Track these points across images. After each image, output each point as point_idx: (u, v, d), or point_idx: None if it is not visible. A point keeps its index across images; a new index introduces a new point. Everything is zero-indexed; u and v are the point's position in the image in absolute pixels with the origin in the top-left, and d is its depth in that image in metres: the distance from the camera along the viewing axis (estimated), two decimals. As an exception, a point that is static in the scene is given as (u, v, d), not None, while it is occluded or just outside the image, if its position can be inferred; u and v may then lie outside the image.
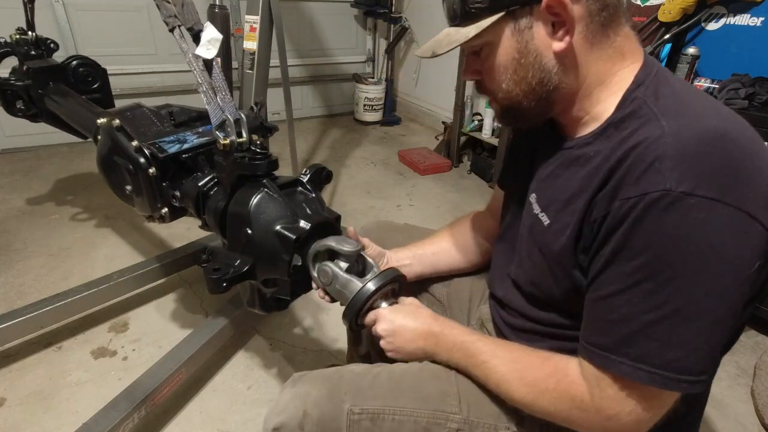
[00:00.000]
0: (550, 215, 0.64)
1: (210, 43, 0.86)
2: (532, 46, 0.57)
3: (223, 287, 0.76)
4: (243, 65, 1.78)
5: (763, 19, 1.76)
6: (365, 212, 2.47)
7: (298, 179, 0.86)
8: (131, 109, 1.12)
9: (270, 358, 1.49)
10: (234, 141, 0.83)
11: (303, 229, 0.76)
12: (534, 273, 0.69)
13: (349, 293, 0.74)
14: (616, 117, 0.58)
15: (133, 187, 1.08)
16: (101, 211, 2.31)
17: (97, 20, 2.97)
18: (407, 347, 0.73)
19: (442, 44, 0.61)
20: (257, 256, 0.78)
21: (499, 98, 0.64)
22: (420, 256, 0.93)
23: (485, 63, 0.63)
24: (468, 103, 3.01)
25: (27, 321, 1.37)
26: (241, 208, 0.79)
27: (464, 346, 0.69)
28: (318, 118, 4.11)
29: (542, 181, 0.68)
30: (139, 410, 1.11)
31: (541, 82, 0.59)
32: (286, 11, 3.38)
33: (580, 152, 0.61)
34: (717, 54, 1.90)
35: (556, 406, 0.60)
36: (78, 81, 1.79)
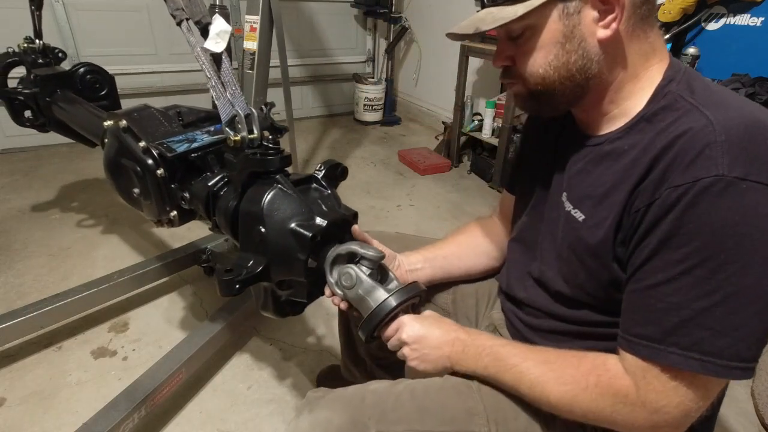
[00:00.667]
0: (584, 211, 0.64)
1: (219, 36, 0.83)
2: (578, 32, 0.57)
3: (236, 289, 0.72)
4: (243, 65, 1.78)
5: (763, 19, 1.76)
6: (365, 212, 2.47)
7: (312, 176, 0.83)
8: (138, 110, 1.10)
9: (270, 358, 1.49)
10: (245, 137, 0.80)
11: (319, 227, 0.72)
12: (565, 270, 0.68)
13: (372, 301, 0.70)
14: (648, 111, 0.59)
15: (140, 190, 1.05)
16: (101, 211, 2.31)
17: (97, 20, 2.97)
18: (433, 354, 0.70)
19: (486, 21, 0.59)
20: (271, 255, 0.75)
21: (531, 82, 0.63)
22: (431, 260, 0.90)
23: (523, 46, 0.61)
24: (468, 103, 3.01)
25: (27, 321, 1.37)
26: (253, 206, 0.76)
27: (493, 350, 0.67)
28: (318, 118, 4.11)
29: (572, 178, 0.68)
30: (139, 410, 1.11)
31: (581, 68, 0.59)
32: (286, 11, 3.38)
33: (611, 147, 0.62)
34: (717, 54, 1.90)
35: (598, 403, 0.58)
36: (85, 88, 1.79)
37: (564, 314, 0.70)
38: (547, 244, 0.72)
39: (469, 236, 0.95)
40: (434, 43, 3.65)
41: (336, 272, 0.75)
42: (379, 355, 1.12)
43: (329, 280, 0.76)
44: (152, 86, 3.21)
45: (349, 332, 1.11)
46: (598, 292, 0.64)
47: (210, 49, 0.83)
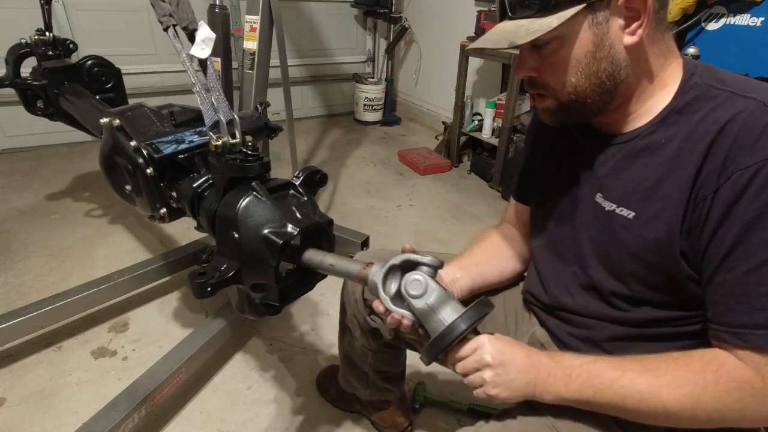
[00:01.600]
0: (632, 207, 0.63)
1: (204, 43, 0.84)
2: (607, 40, 0.58)
3: (208, 292, 0.73)
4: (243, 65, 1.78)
5: (763, 19, 1.76)
6: (365, 212, 2.47)
7: (290, 182, 0.84)
8: (132, 108, 1.12)
9: (270, 359, 1.49)
10: (227, 142, 0.82)
11: (290, 234, 0.73)
12: (618, 270, 0.66)
13: (445, 315, 0.63)
14: (678, 104, 0.61)
15: (132, 187, 1.08)
16: (101, 211, 2.31)
17: (97, 20, 2.97)
18: (519, 380, 0.63)
19: (519, 35, 0.58)
20: (244, 260, 0.76)
21: (563, 93, 0.63)
22: (467, 268, 0.86)
23: (551, 57, 0.61)
24: (468, 103, 3.01)
25: (27, 321, 1.37)
26: (228, 212, 0.77)
27: (584, 369, 0.62)
28: (318, 118, 4.11)
29: (606, 177, 0.67)
30: (139, 410, 1.11)
31: (610, 75, 0.60)
32: (286, 11, 3.38)
33: (645, 142, 0.63)
34: (717, 54, 1.90)
35: (724, 400, 0.55)
36: (92, 81, 1.82)
37: (623, 317, 0.68)
38: (588, 249, 0.70)
39: (493, 242, 0.93)
40: (434, 43, 3.65)
41: (392, 284, 0.68)
42: (383, 368, 1.11)
43: (382, 296, 0.67)
44: (152, 86, 3.21)
45: (352, 346, 1.08)
46: (662, 287, 0.63)
47: (195, 55, 0.84)
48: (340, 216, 2.40)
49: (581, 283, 0.73)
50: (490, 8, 2.71)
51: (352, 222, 2.33)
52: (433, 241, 2.21)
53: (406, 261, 0.67)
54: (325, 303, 1.75)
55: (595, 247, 0.70)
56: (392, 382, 1.16)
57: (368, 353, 1.07)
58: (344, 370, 1.18)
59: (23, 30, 1.88)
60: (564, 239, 0.76)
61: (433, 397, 1.34)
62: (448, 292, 0.65)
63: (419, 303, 0.64)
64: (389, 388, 1.16)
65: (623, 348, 0.67)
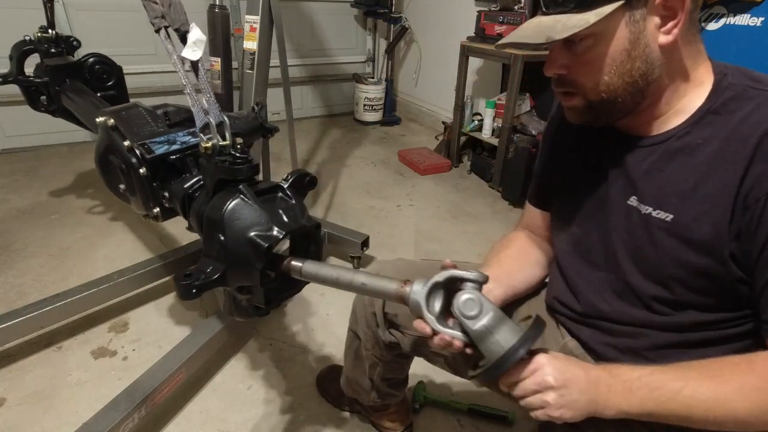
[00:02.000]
0: (670, 209, 0.62)
1: (196, 45, 0.84)
2: (643, 38, 0.58)
3: (193, 294, 0.74)
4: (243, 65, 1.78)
5: (763, 19, 1.76)
6: (365, 212, 2.47)
7: (278, 185, 0.83)
8: (127, 108, 1.12)
9: (270, 359, 1.49)
10: (216, 144, 0.82)
11: (276, 237, 0.73)
12: (657, 274, 0.65)
13: (504, 337, 0.59)
14: (713, 104, 0.61)
15: (126, 186, 1.08)
16: (101, 210, 2.31)
17: (97, 20, 2.97)
18: (581, 400, 0.59)
19: (557, 29, 0.57)
20: (229, 263, 0.76)
21: (594, 92, 0.62)
22: (497, 279, 0.81)
23: (585, 54, 0.60)
24: (468, 103, 3.01)
25: (27, 321, 1.37)
26: (215, 214, 0.77)
27: (643, 381, 0.59)
28: (318, 118, 4.11)
29: (639, 180, 0.66)
30: (139, 410, 1.11)
31: (644, 74, 0.60)
32: (286, 11, 3.38)
33: (681, 143, 0.62)
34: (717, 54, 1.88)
35: None
36: (93, 78, 1.83)
37: (665, 322, 0.66)
38: (622, 252, 0.69)
39: (518, 249, 0.91)
40: (434, 43, 3.65)
41: (435, 303, 0.64)
42: (390, 376, 1.11)
43: (428, 317, 0.63)
44: (152, 86, 3.21)
45: (361, 355, 1.07)
46: (708, 289, 0.61)
47: (187, 58, 0.84)
48: (340, 216, 2.40)
49: (615, 289, 0.71)
50: (490, 8, 2.71)
51: (352, 222, 2.33)
52: (433, 241, 2.21)
53: (450, 278, 0.64)
54: (325, 303, 1.75)
55: (629, 251, 0.68)
56: (397, 388, 1.16)
57: (378, 363, 1.05)
58: (349, 377, 1.17)
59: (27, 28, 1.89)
60: (594, 244, 0.74)
61: (433, 397, 1.34)
62: (500, 310, 0.62)
63: (475, 324, 0.60)
64: (393, 393, 1.15)
65: (666, 356, 0.65)
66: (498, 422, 1.30)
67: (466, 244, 2.20)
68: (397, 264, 0.99)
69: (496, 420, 1.30)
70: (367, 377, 1.10)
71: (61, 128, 3.04)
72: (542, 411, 0.60)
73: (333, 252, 2.07)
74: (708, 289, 0.62)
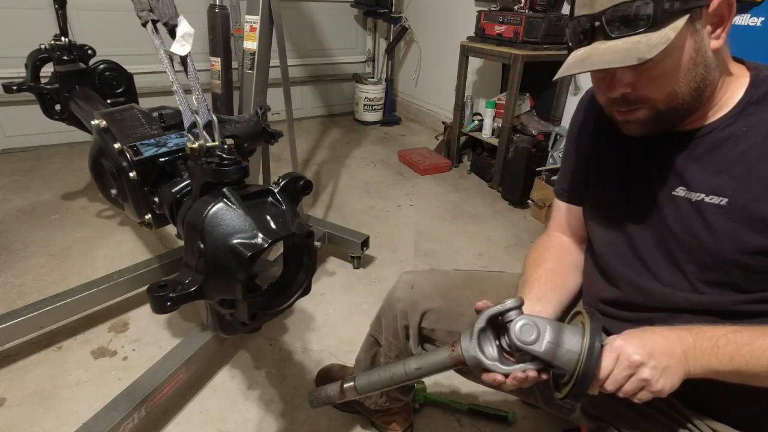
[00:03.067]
0: (725, 193, 0.64)
1: (184, 39, 0.80)
2: (703, 45, 0.61)
3: (168, 307, 0.68)
4: (243, 65, 1.78)
5: (763, 19, 1.76)
6: (365, 212, 2.47)
7: (268, 189, 0.77)
8: (122, 110, 1.08)
9: (270, 358, 1.49)
10: (203, 145, 0.77)
11: (260, 246, 0.66)
12: (715, 259, 0.66)
13: (572, 342, 0.58)
14: (753, 96, 0.65)
15: (118, 191, 1.04)
16: (101, 211, 2.31)
17: (98, 20, 2.97)
18: (672, 364, 0.59)
19: (642, 50, 0.58)
20: (209, 273, 0.69)
21: (663, 102, 0.64)
22: (545, 298, 0.81)
23: (654, 69, 0.61)
24: (468, 103, 3.01)
25: (27, 321, 1.37)
26: (195, 219, 0.70)
27: (730, 338, 0.60)
28: (318, 118, 4.11)
29: (686, 171, 0.68)
30: (139, 410, 1.11)
31: (704, 79, 0.63)
32: (286, 11, 3.38)
33: (725, 133, 0.66)
34: (717, 54, 1.89)
35: None
36: (103, 85, 1.83)
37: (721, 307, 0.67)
38: (673, 243, 0.70)
39: (556, 261, 0.89)
40: (434, 43, 3.65)
41: (488, 347, 0.63)
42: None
43: (490, 365, 0.62)
44: (152, 86, 3.20)
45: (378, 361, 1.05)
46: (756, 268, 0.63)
47: (175, 53, 0.81)
48: (340, 216, 2.40)
49: (669, 279, 0.71)
50: (490, 8, 2.70)
51: (352, 222, 2.33)
52: (433, 241, 2.21)
53: (489, 319, 0.63)
54: (326, 303, 1.76)
55: (681, 240, 0.69)
56: (405, 393, 1.15)
57: None
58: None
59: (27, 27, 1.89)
60: (643, 237, 0.74)
61: (433, 397, 1.34)
62: (553, 320, 0.62)
63: (541, 345, 0.59)
64: (401, 398, 1.15)
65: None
66: (498, 422, 1.30)
67: (466, 244, 2.20)
68: (432, 277, 0.96)
69: (496, 420, 1.30)
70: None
71: (61, 128, 3.03)
72: (644, 391, 0.59)
73: (333, 252, 2.07)
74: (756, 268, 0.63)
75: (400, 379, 0.70)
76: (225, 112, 1.83)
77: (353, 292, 1.83)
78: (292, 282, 0.78)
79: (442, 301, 0.91)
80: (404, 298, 0.94)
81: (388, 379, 0.70)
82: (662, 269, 0.72)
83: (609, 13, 0.60)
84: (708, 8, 0.59)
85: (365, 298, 1.79)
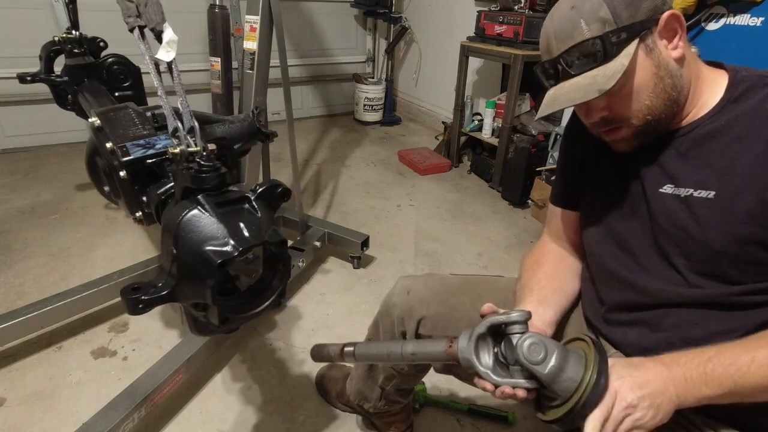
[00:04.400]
0: (711, 187, 0.66)
1: (169, 45, 0.81)
2: (662, 59, 0.66)
3: (140, 309, 0.69)
4: (243, 65, 1.78)
5: (763, 19, 1.76)
6: (365, 212, 2.47)
7: (245, 196, 0.77)
8: (117, 109, 1.09)
9: (270, 358, 1.49)
10: (184, 150, 0.77)
11: (230, 254, 0.67)
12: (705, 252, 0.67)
13: (574, 371, 0.58)
14: (732, 95, 0.68)
15: (110, 189, 1.06)
16: (101, 211, 2.31)
17: (98, 20, 2.96)
18: (663, 401, 0.59)
19: (600, 83, 0.64)
20: (181, 278, 0.70)
21: (639, 118, 0.68)
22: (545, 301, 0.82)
23: (621, 92, 0.67)
24: (468, 103, 3.01)
25: (27, 321, 1.38)
26: (169, 224, 0.71)
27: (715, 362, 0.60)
28: (318, 118, 4.11)
29: (672, 168, 0.71)
30: (139, 410, 1.11)
31: (674, 87, 0.67)
32: (286, 11, 3.38)
33: (706, 129, 0.69)
34: (717, 54, 1.90)
35: None
36: (111, 78, 1.85)
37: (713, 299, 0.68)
38: (664, 239, 0.71)
39: (555, 266, 0.90)
40: (434, 43, 3.65)
41: (484, 354, 0.63)
42: (404, 387, 1.10)
43: (482, 371, 0.62)
44: (151, 86, 3.20)
45: (377, 366, 1.06)
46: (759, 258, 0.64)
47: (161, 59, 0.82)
48: (341, 216, 2.40)
49: (663, 275, 0.72)
50: (490, 8, 2.71)
51: (352, 222, 2.33)
52: (433, 241, 2.21)
53: (492, 326, 0.63)
54: (325, 303, 1.76)
55: (672, 236, 0.70)
56: (405, 395, 1.15)
57: (396, 376, 1.05)
58: (357, 383, 1.15)
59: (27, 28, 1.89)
60: (635, 237, 0.75)
61: (433, 397, 1.34)
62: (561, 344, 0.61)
63: (545, 367, 0.58)
64: (401, 401, 1.15)
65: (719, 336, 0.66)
66: (498, 422, 1.30)
67: (466, 244, 2.20)
68: (428, 282, 0.96)
69: (496, 420, 1.30)
70: (378, 387, 1.10)
71: (61, 128, 3.05)
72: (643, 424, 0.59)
73: (333, 252, 2.07)
74: (758, 259, 0.64)
75: (395, 358, 0.72)
76: (225, 112, 1.83)
77: (353, 292, 1.83)
78: (267, 287, 0.79)
79: (439, 307, 0.91)
80: (401, 304, 0.94)
81: (384, 355, 0.73)
82: (654, 265, 0.73)
83: (564, 57, 0.68)
84: (657, 27, 0.65)
85: (365, 298, 1.79)
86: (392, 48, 3.95)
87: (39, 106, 2.93)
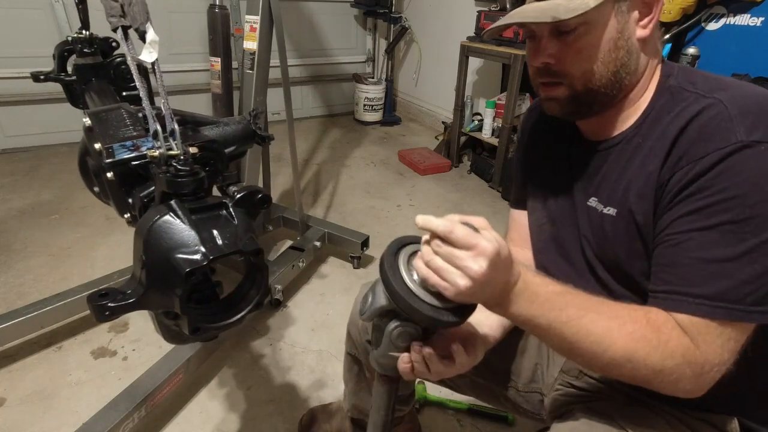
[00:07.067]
0: (614, 205, 0.67)
1: (151, 46, 0.80)
2: (627, 30, 0.62)
3: (106, 316, 0.66)
4: (243, 65, 1.78)
5: (763, 19, 1.76)
6: (365, 212, 2.47)
7: (222, 202, 0.75)
8: (109, 110, 1.08)
9: (270, 358, 1.49)
10: (163, 154, 0.76)
11: (199, 263, 0.64)
12: (620, 266, 0.68)
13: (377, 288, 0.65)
14: (654, 106, 0.65)
15: (100, 190, 1.06)
16: (101, 211, 2.31)
17: (97, 20, 2.96)
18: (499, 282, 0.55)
19: (560, 11, 0.59)
20: (150, 285, 0.68)
21: (581, 80, 0.65)
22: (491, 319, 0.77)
23: (576, 43, 0.63)
24: (468, 103, 3.01)
25: (27, 321, 1.38)
26: (141, 229, 0.69)
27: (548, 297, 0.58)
28: (318, 118, 4.11)
29: (597, 181, 0.71)
30: (139, 410, 1.11)
31: (624, 65, 0.64)
32: (286, 11, 3.38)
33: (627, 145, 0.67)
34: (717, 54, 1.90)
35: (666, 362, 0.55)
36: (118, 78, 1.85)
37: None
38: (589, 250, 0.73)
39: None
40: (434, 43, 3.65)
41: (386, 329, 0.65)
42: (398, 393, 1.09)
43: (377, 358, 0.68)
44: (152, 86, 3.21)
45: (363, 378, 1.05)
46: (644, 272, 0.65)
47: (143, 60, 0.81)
48: (341, 216, 2.40)
49: (588, 285, 0.73)
50: (490, 8, 2.71)
51: (352, 222, 2.33)
52: (433, 241, 2.21)
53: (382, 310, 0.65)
54: (325, 303, 1.76)
55: (595, 248, 0.72)
56: (405, 403, 1.14)
57: None
58: (353, 400, 1.13)
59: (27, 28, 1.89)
60: (569, 243, 0.77)
61: (433, 397, 1.34)
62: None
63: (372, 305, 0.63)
64: (401, 408, 1.14)
65: None
66: (498, 422, 1.31)
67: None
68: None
69: (496, 420, 1.30)
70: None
71: (61, 128, 3.05)
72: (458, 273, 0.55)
73: (333, 252, 2.07)
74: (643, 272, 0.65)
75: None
76: (225, 113, 1.82)
77: (353, 292, 1.83)
78: (243, 298, 0.77)
79: None
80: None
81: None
82: (584, 275, 0.75)
83: None
84: None
85: (365, 298, 1.79)
86: (392, 48, 3.95)
87: (39, 106, 2.94)
